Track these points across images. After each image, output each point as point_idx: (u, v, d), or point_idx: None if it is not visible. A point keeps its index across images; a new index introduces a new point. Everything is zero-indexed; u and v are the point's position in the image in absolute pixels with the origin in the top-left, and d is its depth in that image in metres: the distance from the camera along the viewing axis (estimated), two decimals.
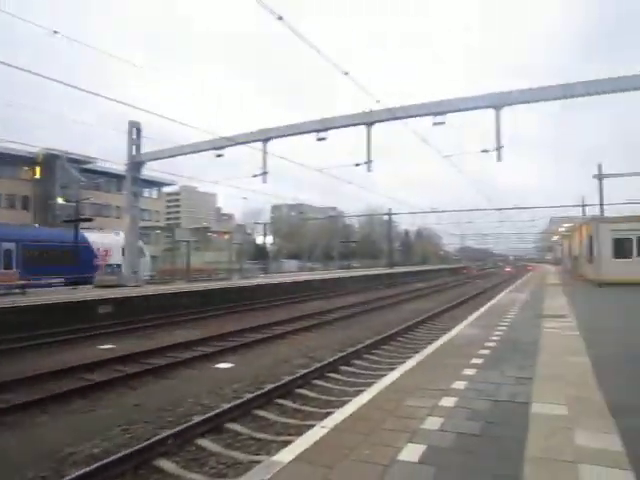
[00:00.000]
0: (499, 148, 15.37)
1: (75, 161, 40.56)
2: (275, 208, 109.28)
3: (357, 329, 13.90)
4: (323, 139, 17.84)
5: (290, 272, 49.92)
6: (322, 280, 31.10)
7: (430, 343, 7.83)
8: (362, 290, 30.22)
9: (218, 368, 9.20)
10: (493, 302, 14.35)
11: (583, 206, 40.05)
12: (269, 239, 45.38)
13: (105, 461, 4.52)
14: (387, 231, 65.72)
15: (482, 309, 12.33)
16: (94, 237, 27.38)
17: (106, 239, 27.66)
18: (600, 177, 28.12)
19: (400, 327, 13.10)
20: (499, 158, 15.38)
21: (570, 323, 9.13)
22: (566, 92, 15.08)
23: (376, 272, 43.20)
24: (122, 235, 26.37)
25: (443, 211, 50.64)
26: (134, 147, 22.41)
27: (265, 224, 51.80)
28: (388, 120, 17.06)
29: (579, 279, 26.14)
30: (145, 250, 29.32)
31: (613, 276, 19.25)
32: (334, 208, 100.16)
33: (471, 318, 10.50)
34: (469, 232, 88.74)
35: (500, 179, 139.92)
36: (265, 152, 19.28)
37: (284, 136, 19.30)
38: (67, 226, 26.81)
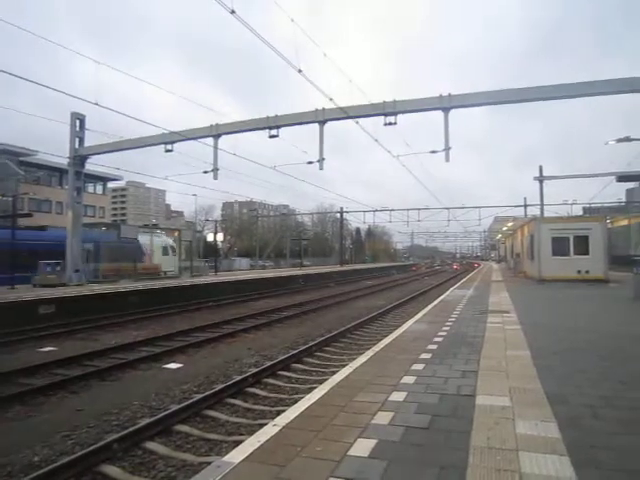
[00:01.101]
0: (447, 149, 15.84)
1: (13, 153, 38.30)
2: (226, 205, 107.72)
3: (309, 326, 13.96)
4: (275, 136, 17.77)
5: (241, 270, 49.38)
6: (273, 278, 30.99)
7: (381, 339, 7.94)
8: (313, 288, 30.33)
9: (166, 369, 8.99)
10: (441, 298, 14.77)
11: (525, 206, 42.06)
12: (220, 237, 44.60)
13: (45, 469, 4.32)
14: (339, 229, 66.27)
15: (431, 305, 12.67)
16: (141, 238, 30.10)
17: (148, 240, 30.79)
18: (540, 179, 29.52)
19: (351, 324, 13.26)
20: (447, 158, 15.85)
21: (513, 318, 9.54)
22: (515, 96, 15.70)
23: (327, 270, 43.48)
24: (163, 237, 32.99)
25: (393, 210, 51.63)
26: (77, 140, 21.44)
27: (216, 221, 50.87)
28: (340, 119, 17.20)
29: (521, 276, 27.39)
30: (175, 247, 32.31)
31: (552, 273, 20.31)
32: (286, 206, 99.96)
33: (420, 314, 10.76)
34: (418, 230, 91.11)
35: (449, 178, 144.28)
36: (216, 148, 18.98)
37: (236, 132, 19.07)
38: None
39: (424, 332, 7.96)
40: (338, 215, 64.04)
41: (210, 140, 19.07)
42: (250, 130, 18.71)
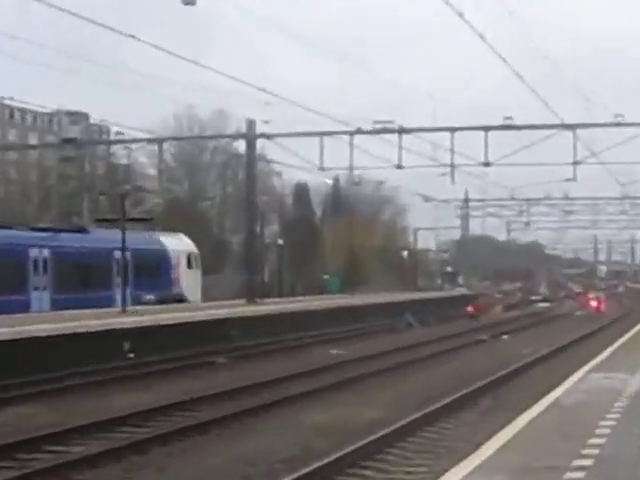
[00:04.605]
0: None
1: None
2: None
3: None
4: None
5: None
6: (33, 340, 22.35)
7: None
8: (164, 370, 23.93)
9: None
10: (555, 396, 12.87)
11: None
12: None
13: None
14: (244, 186, 48.83)
15: (524, 417, 10.46)
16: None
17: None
18: None
19: None
20: None
21: None
22: None
23: (211, 314, 34.26)
24: (186, 240, 45.79)
25: (404, 130, 39.73)
26: None
27: None
28: None
29: None
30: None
31: None
32: (84, 115, 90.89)
33: (495, 444, 8.16)
34: (484, 197, 73.23)
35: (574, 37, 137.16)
36: None
37: None
38: None
39: None
40: (240, 145, 50.03)
41: None
42: None
